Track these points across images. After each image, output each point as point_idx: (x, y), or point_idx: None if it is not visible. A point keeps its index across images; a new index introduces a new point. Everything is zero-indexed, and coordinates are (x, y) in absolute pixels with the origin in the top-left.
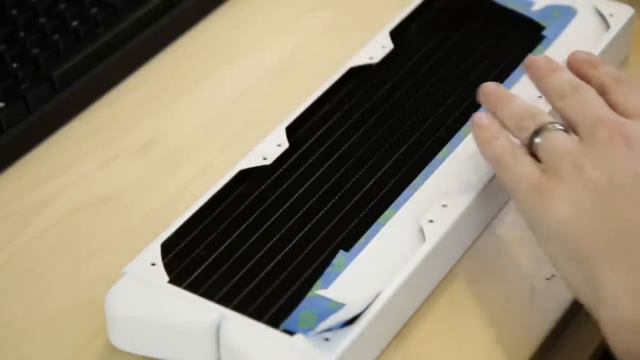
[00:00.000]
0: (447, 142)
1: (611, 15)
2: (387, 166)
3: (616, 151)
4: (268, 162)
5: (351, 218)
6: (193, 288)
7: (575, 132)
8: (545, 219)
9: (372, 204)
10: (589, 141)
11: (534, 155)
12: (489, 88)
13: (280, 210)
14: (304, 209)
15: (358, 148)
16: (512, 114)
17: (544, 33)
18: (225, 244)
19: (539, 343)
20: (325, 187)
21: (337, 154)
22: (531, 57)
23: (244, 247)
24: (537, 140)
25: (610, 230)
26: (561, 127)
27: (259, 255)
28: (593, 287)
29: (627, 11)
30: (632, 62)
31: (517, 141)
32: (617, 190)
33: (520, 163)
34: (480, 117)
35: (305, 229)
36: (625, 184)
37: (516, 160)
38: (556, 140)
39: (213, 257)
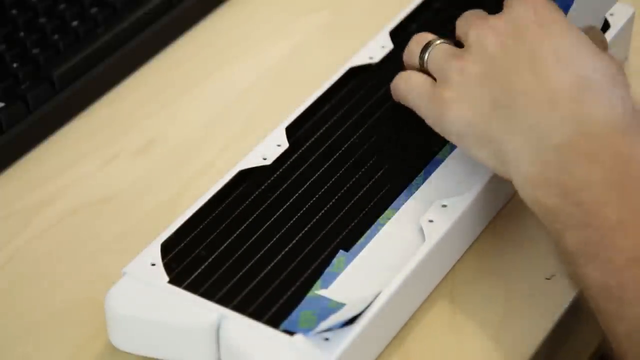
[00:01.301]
0: (447, 142)
1: (611, 15)
2: (387, 166)
3: (488, 43)
4: (268, 162)
5: (351, 218)
6: (193, 288)
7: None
8: (448, 122)
9: (372, 204)
10: (466, 46)
11: (428, 72)
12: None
13: (280, 210)
14: (304, 209)
15: (358, 148)
16: (412, 45)
17: None
18: (225, 244)
19: (539, 343)
20: (325, 187)
21: (337, 154)
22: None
23: (244, 247)
24: (425, 56)
25: (501, 108)
26: (445, 42)
27: (259, 255)
28: (502, 160)
29: (627, 11)
30: (632, 62)
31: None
32: (496, 73)
33: (412, 82)
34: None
35: (305, 229)
36: (501, 65)
37: (409, 81)
38: (439, 52)
39: (213, 257)
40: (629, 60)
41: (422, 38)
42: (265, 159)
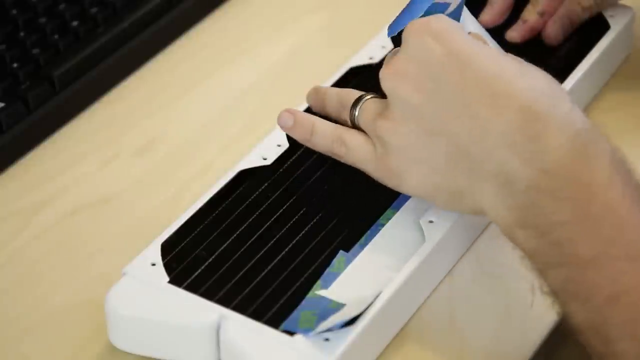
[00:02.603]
0: None
1: (611, 15)
2: None
3: (405, 95)
4: (268, 162)
5: (351, 218)
6: (193, 288)
7: None
8: (410, 190)
9: (372, 204)
10: (388, 101)
11: (359, 128)
12: (309, 92)
13: (281, 210)
14: (304, 209)
15: None
16: (334, 102)
17: None
18: (225, 244)
19: (539, 343)
20: (326, 187)
21: None
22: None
23: (244, 247)
24: (355, 113)
25: (458, 161)
26: (374, 96)
27: (259, 255)
28: (480, 209)
29: (627, 11)
30: (632, 62)
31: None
32: (432, 126)
33: (352, 145)
34: (283, 120)
35: (306, 229)
36: (432, 115)
37: (347, 147)
38: (367, 112)
39: (213, 257)
40: (629, 61)
41: (347, 96)
42: (265, 159)
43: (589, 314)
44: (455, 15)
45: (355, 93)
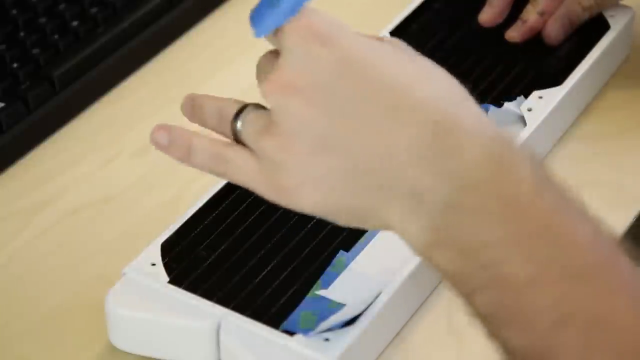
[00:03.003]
0: None
1: (611, 15)
2: None
3: (292, 108)
4: None
5: None
6: (193, 288)
7: None
8: (305, 210)
9: None
10: (272, 114)
11: (241, 141)
12: (184, 101)
13: (281, 210)
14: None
15: None
16: (213, 113)
17: None
18: (225, 244)
19: None
20: None
21: None
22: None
23: (244, 247)
24: (237, 126)
25: (360, 178)
26: (255, 108)
27: (259, 255)
28: (388, 228)
29: (627, 11)
30: (632, 62)
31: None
32: (326, 141)
33: (235, 166)
34: (156, 139)
35: (306, 229)
36: (325, 129)
37: (228, 164)
38: (250, 126)
39: (213, 257)
40: (629, 60)
41: (225, 108)
42: None
43: (531, 340)
44: None
45: (236, 103)
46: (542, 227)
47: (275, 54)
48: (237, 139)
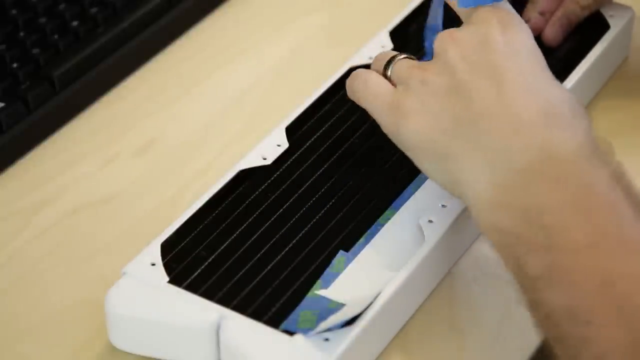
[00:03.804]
0: None
1: (611, 15)
2: (387, 166)
3: (450, 55)
4: (268, 162)
5: (351, 218)
6: (193, 288)
7: None
8: (403, 133)
9: (372, 204)
10: (433, 59)
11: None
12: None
13: (281, 210)
14: (304, 209)
15: (358, 148)
16: (376, 61)
17: None
18: (225, 244)
19: (539, 343)
20: (325, 187)
21: (337, 153)
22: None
23: (244, 247)
24: (389, 68)
25: (462, 126)
26: (409, 56)
27: (259, 255)
28: (457, 178)
29: (627, 11)
30: (632, 62)
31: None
32: (459, 87)
33: (371, 84)
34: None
35: (305, 229)
36: (464, 80)
37: (368, 83)
38: (403, 63)
39: (213, 257)
40: (629, 60)
41: (385, 55)
42: (265, 159)
43: (573, 299)
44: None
45: (391, 53)
46: (608, 208)
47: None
48: (387, 78)
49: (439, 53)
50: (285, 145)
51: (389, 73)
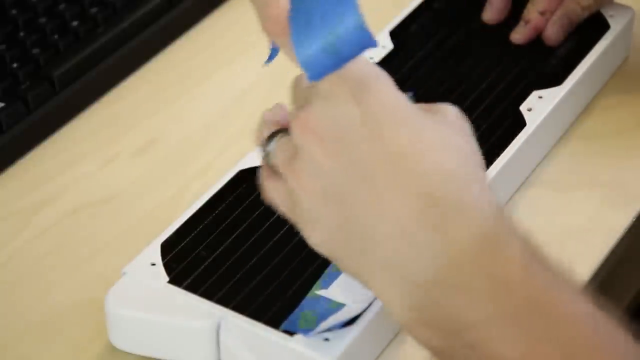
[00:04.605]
0: None
1: (611, 15)
2: None
3: (312, 151)
4: None
5: None
6: (193, 288)
7: None
8: (314, 246)
9: None
10: (297, 152)
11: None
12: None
13: None
14: None
15: None
16: (259, 129)
17: None
18: (225, 244)
19: None
20: None
21: None
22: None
23: (244, 247)
24: (268, 150)
25: (351, 239)
26: (283, 136)
27: (259, 255)
28: (376, 295)
29: (627, 12)
30: (632, 62)
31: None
32: (333, 191)
33: (270, 195)
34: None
35: None
36: (335, 181)
37: (268, 194)
38: (278, 152)
39: (213, 257)
40: (629, 60)
41: (266, 124)
42: None
43: None
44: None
45: (273, 126)
46: (532, 304)
47: (311, 88)
48: (265, 160)
49: (301, 150)
50: None
51: (268, 152)
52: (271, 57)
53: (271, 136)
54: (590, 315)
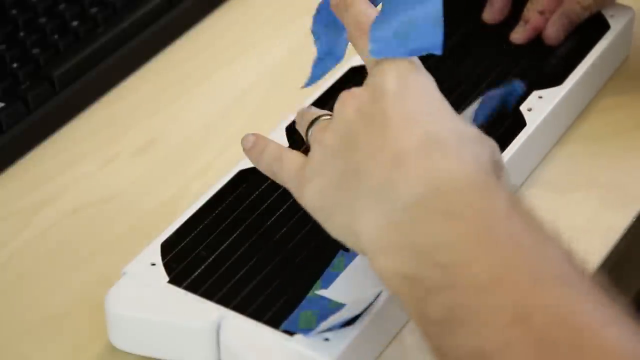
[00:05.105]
0: None
1: (611, 15)
2: None
3: (346, 112)
4: None
5: None
6: (193, 288)
7: None
8: (306, 196)
9: None
10: (333, 118)
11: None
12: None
13: (280, 210)
14: (304, 209)
15: None
16: (299, 122)
17: None
18: (225, 244)
19: None
20: None
21: None
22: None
23: (244, 247)
24: (309, 133)
25: (348, 174)
26: (326, 115)
27: (258, 255)
28: (353, 231)
29: (627, 11)
30: (632, 62)
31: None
32: (349, 140)
33: (285, 161)
34: (246, 140)
35: (306, 228)
36: (354, 131)
37: (282, 162)
38: (316, 128)
39: (213, 257)
40: (629, 61)
41: (307, 116)
42: None
43: (481, 340)
44: None
45: (311, 113)
46: (510, 236)
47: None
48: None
49: (338, 111)
50: (285, 145)
51: (309, 138)
52: (311, 82)
53: (311, 124)
54: (563, 256)
